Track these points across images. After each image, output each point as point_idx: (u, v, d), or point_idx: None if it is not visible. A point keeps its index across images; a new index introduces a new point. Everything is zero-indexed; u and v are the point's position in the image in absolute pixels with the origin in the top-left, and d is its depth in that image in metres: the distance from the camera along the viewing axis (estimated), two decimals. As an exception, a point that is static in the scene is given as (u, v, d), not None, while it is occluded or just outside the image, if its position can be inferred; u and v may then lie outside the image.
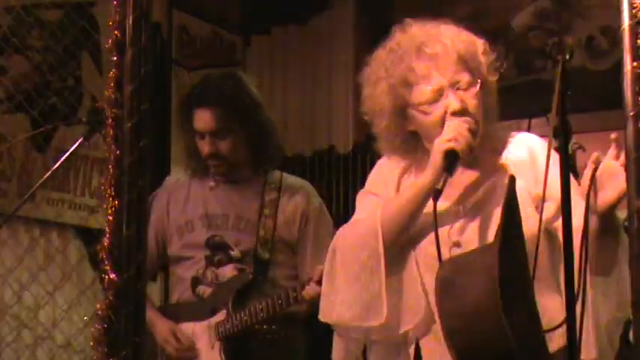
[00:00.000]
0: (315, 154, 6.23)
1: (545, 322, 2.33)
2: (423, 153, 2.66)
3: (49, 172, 3.50)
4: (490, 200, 2.56)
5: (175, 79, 5.74)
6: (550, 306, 2.45)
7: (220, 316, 3.64)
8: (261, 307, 3.55)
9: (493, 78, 2.67)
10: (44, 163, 4.84)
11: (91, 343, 2.12)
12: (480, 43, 2.66)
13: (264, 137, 3.74)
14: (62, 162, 3.51)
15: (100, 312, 2.10)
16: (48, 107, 4.91)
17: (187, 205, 3.77)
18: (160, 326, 3.68)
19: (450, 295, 2.24)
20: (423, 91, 2.59)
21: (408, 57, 2.62)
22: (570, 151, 2.33)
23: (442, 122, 2.57)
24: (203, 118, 3.65)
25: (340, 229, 2.72)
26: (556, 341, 2.39)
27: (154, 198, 3.82)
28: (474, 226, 2.55)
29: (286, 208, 3.73)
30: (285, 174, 3.82)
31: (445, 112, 2.57)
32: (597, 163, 2.35)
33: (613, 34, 2.18)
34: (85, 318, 4.41)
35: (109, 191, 2.11)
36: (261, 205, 3.72)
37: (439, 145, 2.52)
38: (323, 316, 2.63)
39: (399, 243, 2.59)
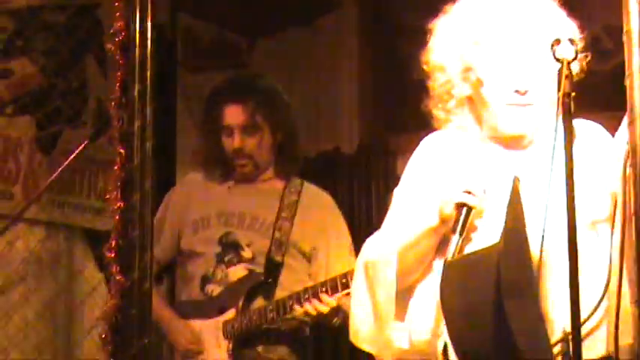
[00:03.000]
0: (320, 154, 6.23)
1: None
2: (475, 122, 2.56)
3: (55, 175, 3.51)
4: (535, 190, 2.40)
5: (180, 80, 5.74)
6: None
7: (228, 315, 3.64)
8: (271, 307, 3.55)
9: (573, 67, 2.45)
10: (50, 165, 4.85)
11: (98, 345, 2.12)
12: (570, 30, 2.50)
13: (290, 140, 3.76)
14: (68, 164, 3.52)
15: (106, 313, 2.11)
16: (53, 109, 4.92)
17: (205, 202, 3.78)
18: (174, 323, 3.68)
19: (454, 295, 2.24)
20: (492, 57, 2.47)
21: (491, 16, 2.47)
22: None
23: (502, 98, 2.47)
24: (233, 113, 3.67)
25: (369, 241, 2.63)
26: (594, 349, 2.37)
27: (173, 192, 3.85)
28: None
29: (304, 214, 3.73)
30: (305, 181, 3.82)
31: (509, 88, 2.46)
32: None
33: (618, 34, 2.18)
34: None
35: (115, 193, 2.12)
36: (279, 208, 3.72)
37: (452, 192, 2.41)
38: (352, 336, 2.58)
39: (420, 269, 2.52)
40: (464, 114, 2.58)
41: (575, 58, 2.25)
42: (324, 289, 3.46)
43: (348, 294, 3.41)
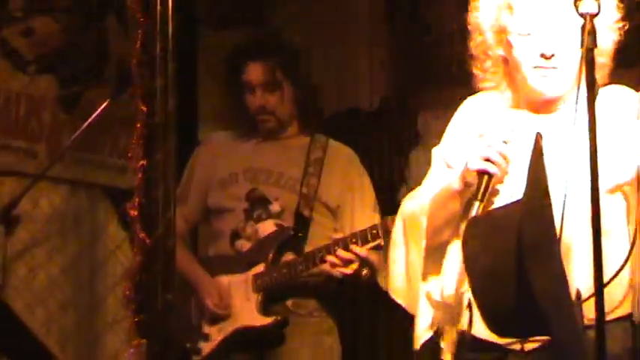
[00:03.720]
0: (341, 111, 6.22)
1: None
2: (510, 83, 2.62)
3: (78, 133, 3.52)
4: (562, 150, 2.44)
5: (201, 38, 5.73)
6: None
7: (258, 269, 3.67)
8: (301, 259, 3.58)
9: (610, 36, 2.56)
10: (72, 123, 4.87)
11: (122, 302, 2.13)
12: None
13: (311, 95, 3.82)
14: (90, 122, 3.53)
15: (130, 271, 2.11)
16: (75, 68, 4.92)
17: (232, 159, 3.82)
18: (203, 280, 3.72)
19: (476, 253, 2.24)
20: (521, 21, 2.53)
21: None
22: None
23: (530, 61, 2.53)
24: (255, 71, 3.73)
25: (407, 198, 2.72)
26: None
27: (198, 152, 3.88)
28: None
29: (330, 170, 3.77)
30: (330, 138, 3.85)
31: (536, 52, 2.52)
32: None
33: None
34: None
35: (137, 151, 2.12)
36: (305, 163, 3.76)
37: (473, 160, 2.48)
38: (390, 291, 2.71)
39: (449, 230, 2.60)
40: (500, 75, 2.64)
41: (598, 13, 2.24)
42: (354, 240, 3.50)
43: (377, 246, 3.46)
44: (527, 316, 2.19)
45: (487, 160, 2.46)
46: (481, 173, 2.47)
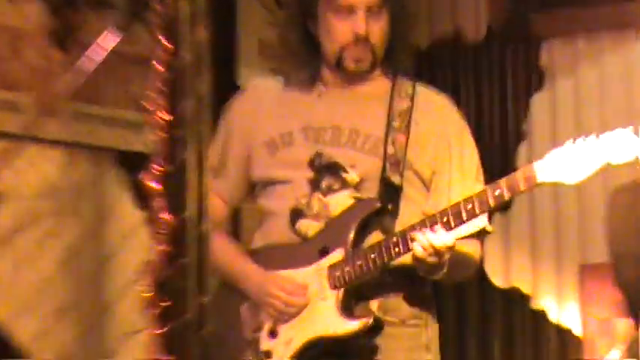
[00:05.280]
0: (435, 43, 6.22)
1: None
2: None
3: (76, 78, 3.55)
4: None
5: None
6: None
7: (335, 257, 3.66)
8: (394, 239, 3.54)
9: None
10: (69, 65, 4.91)
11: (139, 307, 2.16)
12: None
13: (406, 27, 3.82)
14: (91, 63, 3.55)
15: (150, 265, 2.13)
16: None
17: (283, 114, 3.80)
18: (259, 278, 3.72)
19: (621, 219, 2.31)
20: None
21: None
22: None
23: None
24: None
25: None
26: None
27: (236, 103, 3.88)
28: None
29: (421, 126, 3.74)
30: (418, 83, 3.83)
31: None
32: None
33: None
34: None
35: (158, 102, 2.14)
36: (389, 116, 3.74)
37: None
38: None
39: None
40: None
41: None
42: (444, 220, 3.47)
43: (480, 231, 3.47)
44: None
45: None
46: None
